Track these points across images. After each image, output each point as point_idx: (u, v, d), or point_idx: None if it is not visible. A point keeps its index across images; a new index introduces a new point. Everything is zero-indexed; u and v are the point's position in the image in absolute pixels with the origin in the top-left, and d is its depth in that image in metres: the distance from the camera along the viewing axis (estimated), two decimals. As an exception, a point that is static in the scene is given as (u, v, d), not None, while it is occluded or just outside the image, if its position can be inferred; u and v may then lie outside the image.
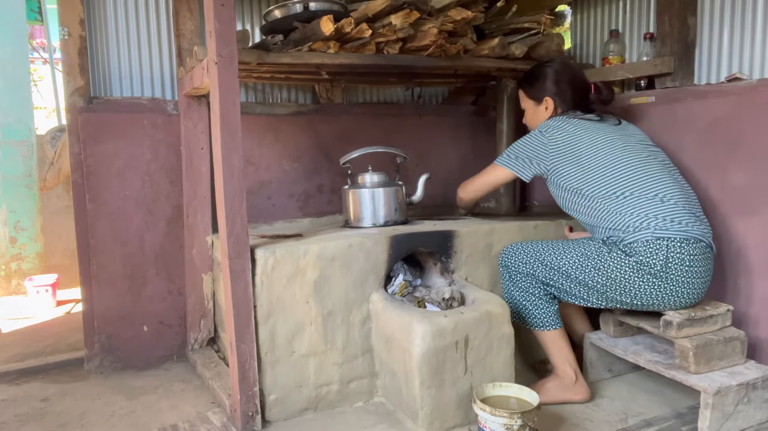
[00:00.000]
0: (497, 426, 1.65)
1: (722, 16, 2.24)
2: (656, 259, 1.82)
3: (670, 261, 1.82)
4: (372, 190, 2.29)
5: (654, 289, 1.85)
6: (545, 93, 2.17)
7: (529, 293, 2.04)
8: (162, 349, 2.51)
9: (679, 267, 1.82)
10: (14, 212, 3.82)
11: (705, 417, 1.75)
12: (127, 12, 2.42)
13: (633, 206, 1.88)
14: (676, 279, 1.83)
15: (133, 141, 2.38)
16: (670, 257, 1.81)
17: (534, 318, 2.03)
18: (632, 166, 1.94)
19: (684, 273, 1.83)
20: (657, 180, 1.93)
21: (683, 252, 1.82)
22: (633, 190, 1.90)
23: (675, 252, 1.82)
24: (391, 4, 2.04)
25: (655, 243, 1.82)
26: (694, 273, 1.84)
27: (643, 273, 1.84)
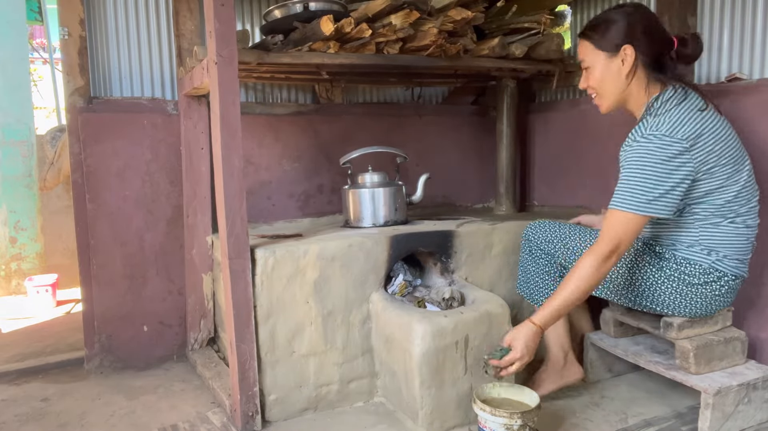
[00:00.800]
0: (497, 426, 1.65)
1: (722, 16, 2.24)
2: (698, 281, 1.74)
3: (706, 287, 1.75)
4: (372, 189, 2.29)
5: (676, 300, 1.79)
6: (623, 40, 1.69)
7: (545, 271, 2.00)
8: (162, 349, 2.51)
9: (710, 294, 1.77)
10: (14, 212, 3.82)
11: (705, 417, 1.75)
12: (127, 12, 2.42)
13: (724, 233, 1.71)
14: (704, 301, 1.78)
15: (133, 141, 2.38)
16: (712, 285, 1.75)
17: (543, 297, 2.01)
18: (750, 186, 1.71)
19: (714, 298, 1.78)
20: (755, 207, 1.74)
21: (726, 286, 1.77)
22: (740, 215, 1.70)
23: (720, 284, 1.76)
24: (391, 4, 2.04)
25: (708, 270, 1.74)
26: (723, 300, 1.81)
27: (675, 284, 1.76)
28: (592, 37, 1.76)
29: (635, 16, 1.72)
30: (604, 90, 1.77)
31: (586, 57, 1.79)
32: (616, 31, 1.71)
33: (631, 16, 1.72)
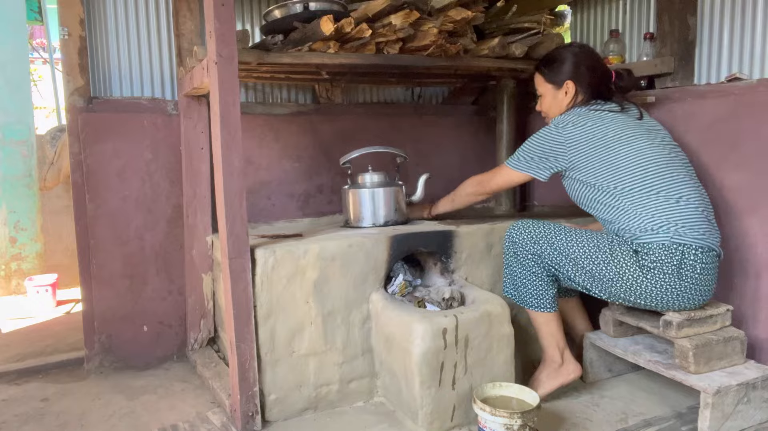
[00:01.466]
0: (497, 426, 1.65)
1: (722, 16, 2.24)
2: (669, 264, 1.80)
3: (683, 268, 1.80)
4: (372, 189, 2.29)
5: (660, 291, 1.84)
6: (566, 76, 2.06)
7: (532, 272, 1.99)
8: (162, 349, 2.51)
9: (690, 274, 1.81)
10: (14, 212, 3.82)
11: (705, 417, 1.75)
12: (127, 12, 2.42)
13: (655, 207, 1.85)
14: (685, 285, 1.82)
15: (133, 141, 2.38)
16: (683, 263, 1.80)
17: (532, 298, 2.00)
18: (657, 164, 1.89)
19: (693, 281, 1.82)
20: (680, 182, 1.89)
21: (696, 260, 1.80)
22: (658, 189, 1.86)
23: (689, 259, 1.80)
24: (391, 4, 2.04)
25: (670, 248, 1.80)
26: (702, 280, 1.83)
27: (653, 275, 1.82)
28: (544, 72, 2.13)
29: (579, 56, 2.07)
30: (551, 113, 2.13)
31: (538, 87, 2.17)
32: (562, 68, 2.07)
33: (576, 56, 2.07)
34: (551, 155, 2.00)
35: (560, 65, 2.08)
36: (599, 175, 1.93)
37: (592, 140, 1.94)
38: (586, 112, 2.00)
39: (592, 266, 1.91)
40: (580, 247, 1.93)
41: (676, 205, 1.85)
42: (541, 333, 2.04)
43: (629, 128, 1.95)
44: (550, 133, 2.01)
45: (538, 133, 2.05)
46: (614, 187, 1.90)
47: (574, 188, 2.03)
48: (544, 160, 2.01)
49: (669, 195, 1.86)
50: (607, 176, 1.91)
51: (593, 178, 1.94)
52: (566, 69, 2.07)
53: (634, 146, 1.91)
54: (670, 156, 1.94)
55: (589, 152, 1.94)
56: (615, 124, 1.95)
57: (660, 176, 1.88)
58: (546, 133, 2.02)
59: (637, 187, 1.88)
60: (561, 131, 1.98)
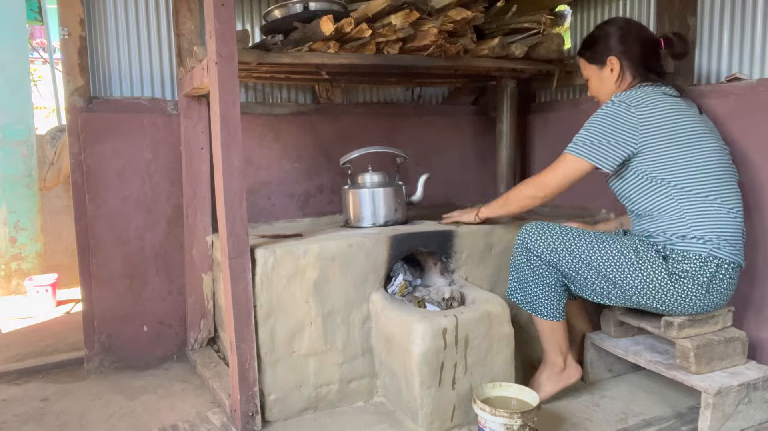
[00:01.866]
0: (497, 426, 1.65)
1: (722, 16, 2.24)
2: (702, 276, 1.76)
3: (713, 281, 1.77)
4: (372, 189, 2.29)
5: (685, 301, 1.80)
6: (609, 52, 1.94)
7: (544, 282, 1.91)
8: (162, 349, 2.51)
9: (718, 288, 1.79)
10: (14, 212, 3.82)
11: (705, 417, 1.75)
12: (127, 12, 2.42)
13: (707, 215, 1.77)
14: (710, 298, 1.80)
15: (133, 141, 2.38)
16: (715, 277, 1.77)
17: (541, 307, 1.94)
18: (722, 167, 1.80)
19: (719, 294, 1.80)
20: (734, 191, 1.83)
21: (727, 275, 1.78)
22: (716, 196, 1.77)
23: (721, 274, 1.77)
24: (391, 4, 2.04)
25: (707, 260, 1.76)
26: (727, 294, 1.83)
27: (681, 283, 1.77)
28: (585, 54, 2.05)
29: (615, 30, 1.96)
30: (602, 95, 2.02)
31: (584, 71, 2.08)
32: (600, 46, 1.98)
33: (612, 29, 1.97)
34: (621, 139, 1.77)
35: (601, 42, 1.96)
36: (666, 168, 1.77)
37: (666, 126, 1.76)
38: (658, 93, 1.82)
39: (616, 273, 1.81)
40: (602, 253, 1.84)
41: (726, 215, 1.78)
42: (545, 339, 2.01)
43: (699, 122, 1.82)
44: (619, 111, 1.79)
45: (602, 112, 1.82)
46: (675, 184, 1.77)
47: (627, 178, 1.85)
48: (612, 146, 1.78)
49: (723, 204, 1.77)
50: (675, 171, 1.76)
51: (657, 170, 1.77)
52: (607, 44, 1.94)
53: (707, 144, 1.79)
54: (727, 160, 1.85)
55: (662, 140, 1.76)
56: (689, 114, 1.81)
57: (720, 181, 1.79)
58: (614, 111, 1.79)
59: (698, 188, 1.76)
60: (633, 111, 1.77)
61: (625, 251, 1.82)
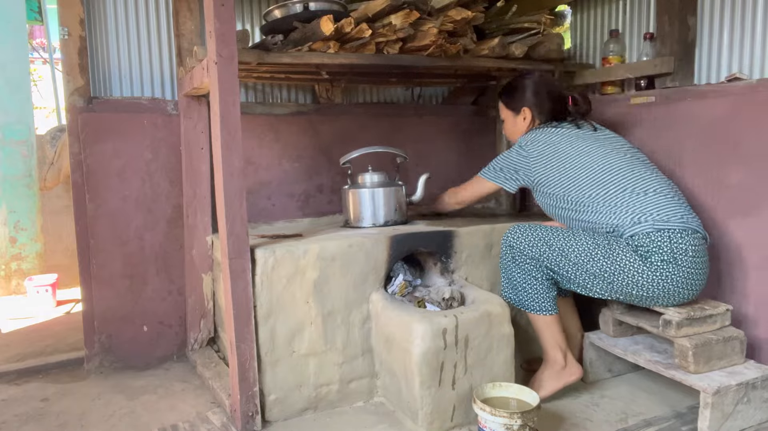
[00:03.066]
0: (497, 426, 1.65)
1: (722, 16, 2.24)
2: (662, 251, 1.84)
3: (676, 252, 1.83)
4: (372, 189, 2.29)
5: (660, 280, 1.85)
6: (523, 103, 2.23)
7: (531, 276, 1.99)
8: (162, 349, 2.51)
9: (684, 257, 1.84)
10: (14, 212, 3.82)
11: (705, 416, 1.75)
12: (127, 12, 2.42)
13: (627, 203, 1.92)
14: (682, 272, 1.84)
15: (133, 141, 2.38)
16: (674, 248, 1.83)
17: (532, 302, 2.00)
18: (617, 166, 2.00)
19: (689, 264, 1.85)
20: (645, 178, 1.98)
21: (686, 243, 1.84)
22: (624, 187, 1.95)
23: (678, 244, 1.84)
24: (391, 4, 2.04)
25: (657, 235, 1.85)
26: (697, 263, 1.86)
27: (650, 263, 1.85)
28: (504, 100, 2.31)
29: (535, 85, 2.23)
30: (513, 136, 2.31)
31: (501, 113, 2.34)
32: (521, 95, 2.25)
33: (533, 84, 2.23)
34: (518, 169, 2.15)
35: (519, 93, 2.25)
36: (563, 186, 2.04)
37: (550, 156, 2.08)
38: (545, 130, 2.16)
39: (592, 263, 1.91)
40: (578, 246, 1.94)
41: (645, 196, 1.92)
42: (543, 336, 2.03)
43: (584, 140, 2.09)
44: (515, 151, 2.18)
45: (507, 151, 2.23)
46: (580, 195, 2.00)
47: (546, 203, 2.14)
48: (512, 173, 2.17)
49: (636, 190, 1.94)
50: (571, 186, 2.02)
51: (558, 190, 2.05)
52: (523, 96, 2.24)
53: (590, 154, 2.04)
54: (628, 157, 2.05)
55: (551, 166, 2.07)
56: (571, 138, 2.10)
57: (623, 176, 1.97)
58: (512, 151, 2.19)
59: (601, 189, 1.97)
60: (524, 149, 2.15)
61: (599, 242, 1.93)
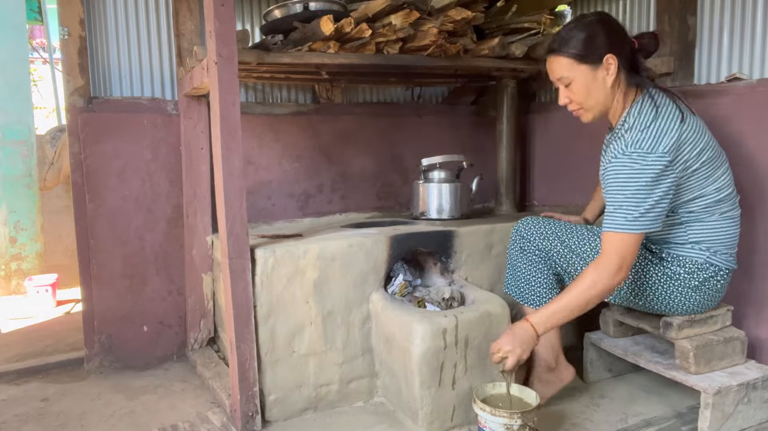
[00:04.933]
0: (497, 426, 1.65)
1: (722, 16, 2.24)
2: (696, 279, 1.78)
3: (706, 284, 1.79)
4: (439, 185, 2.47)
5: (674, 300, 1.81)
6: (605, 49, 1.66)
7: (537, 269, 1.93)
8: (162, 349, 2.51)
9: (709, 290, 1.80)
10: (14, 212, 3.82)
11: (705, 417, 1.75)
12: (127, 12, 2.42)
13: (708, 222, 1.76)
14: (700, 299, 1.81)
15: (133, 141, 2.38)
16: (709, 280, 1.79)
17: (533, 296, 1.95)
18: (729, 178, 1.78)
19: (710, 296, 1.82)
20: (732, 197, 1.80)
21: (720, 279, 1.80)
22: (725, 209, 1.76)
23: (715, 278, 1.79)
24: (391, 4, 2.04)
25: (703, 266, 1.77)
26: (717, 296, 1.85)
27: (672, 284, 1.79)
28: (570, 52, 1.70)
29: (608, 25, 1.70)
30: (592, 102, 1.74)
31: (565, 73, 1.72)
32: (597, 42, 1.68)
33: (605, 25, 1.70)
34: (666, 194, 1.62)
35: (594, 39, 1.68)
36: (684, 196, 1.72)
37: (693, 154, 1.67)
38: (672, 110, 1.67)
39: None
40: (591, 246, 1.87)
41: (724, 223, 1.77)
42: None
43: (706, 133, 1.74)
44: (645, 165, 1.59)
45: (626, 173, 1.60)
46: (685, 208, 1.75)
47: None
48: (659, 200, 1.61)
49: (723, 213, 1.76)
50: (690, 197, 1.72)
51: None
52: (602, 42, 1.67)
53: (724, 162, 1.77)
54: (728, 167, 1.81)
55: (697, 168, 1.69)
56: (704, 129, 1.74)
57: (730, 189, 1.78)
58: (640, 169, 1.59)
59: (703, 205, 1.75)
60: (655, 152, 1.60)
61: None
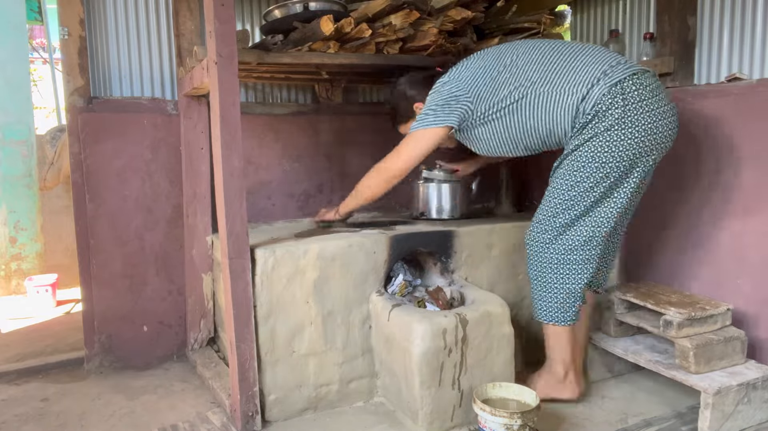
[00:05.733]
0: (497, 426, 1.65)
1: (722, 16, 2.24)
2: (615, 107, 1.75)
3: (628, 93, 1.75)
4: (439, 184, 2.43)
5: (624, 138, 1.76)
6: (411, 103, 2.15)
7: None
8: (162, 349, 2.51)
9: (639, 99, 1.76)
10: (14, 212, 3.82)
11: (705, 417, 1.75)
12: (127, 12, 2.42)
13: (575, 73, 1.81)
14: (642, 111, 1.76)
15: (133, 141, 2.38)
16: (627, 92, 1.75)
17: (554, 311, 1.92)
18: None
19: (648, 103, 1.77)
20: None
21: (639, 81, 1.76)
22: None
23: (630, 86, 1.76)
24: (391, 4, 2.04)
25: (610, 93, 1.75)
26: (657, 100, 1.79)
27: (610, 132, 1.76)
28: (398, 120, 2.24)
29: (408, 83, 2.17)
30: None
31: (404, 131, 2.15)
32: (406, 104, 2.17)
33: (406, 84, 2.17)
34: (452, 100, 1.96)
35: (403, 102, 2.18)
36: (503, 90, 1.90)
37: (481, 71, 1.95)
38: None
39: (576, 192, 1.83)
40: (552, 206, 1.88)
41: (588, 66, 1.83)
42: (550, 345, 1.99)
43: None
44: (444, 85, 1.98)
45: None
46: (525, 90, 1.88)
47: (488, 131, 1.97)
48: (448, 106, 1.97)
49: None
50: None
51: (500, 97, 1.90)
52: (405, 104, 2.17)
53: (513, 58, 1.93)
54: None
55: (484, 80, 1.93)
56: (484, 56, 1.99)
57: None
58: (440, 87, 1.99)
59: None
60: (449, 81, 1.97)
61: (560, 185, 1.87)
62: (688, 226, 2.26)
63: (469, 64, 1.97)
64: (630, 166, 1.79)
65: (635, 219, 2.03)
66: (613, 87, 1.75)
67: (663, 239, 2.35)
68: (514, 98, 1.87)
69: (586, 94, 1.77)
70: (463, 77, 1.95)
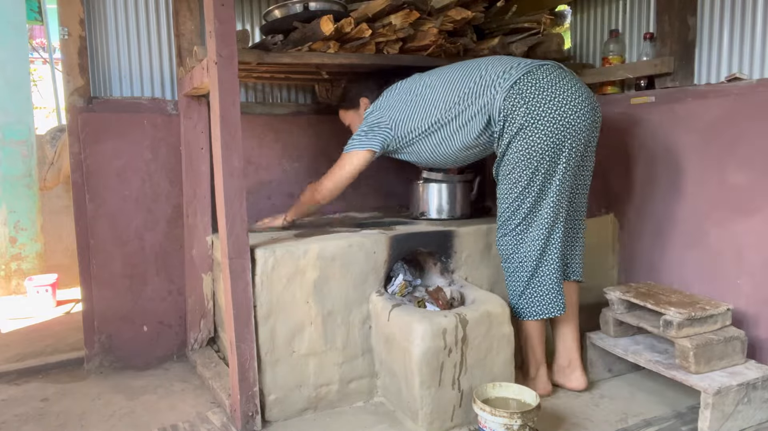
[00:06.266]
0: (497, 426, 1.65)
1: (722, 16, 2.24)
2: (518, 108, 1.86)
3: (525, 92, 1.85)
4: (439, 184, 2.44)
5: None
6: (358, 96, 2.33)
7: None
8: (162, 349, 2.51)
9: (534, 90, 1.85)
10: (14, 212, 3.82)
11: (705, 417, 1.75)
12: (127, 12, 2.42)
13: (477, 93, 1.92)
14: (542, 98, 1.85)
15: (133, 141, 2.38)
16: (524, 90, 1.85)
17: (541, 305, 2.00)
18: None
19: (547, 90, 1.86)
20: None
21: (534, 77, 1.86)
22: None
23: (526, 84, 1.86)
24: (391, 4, 2.04)
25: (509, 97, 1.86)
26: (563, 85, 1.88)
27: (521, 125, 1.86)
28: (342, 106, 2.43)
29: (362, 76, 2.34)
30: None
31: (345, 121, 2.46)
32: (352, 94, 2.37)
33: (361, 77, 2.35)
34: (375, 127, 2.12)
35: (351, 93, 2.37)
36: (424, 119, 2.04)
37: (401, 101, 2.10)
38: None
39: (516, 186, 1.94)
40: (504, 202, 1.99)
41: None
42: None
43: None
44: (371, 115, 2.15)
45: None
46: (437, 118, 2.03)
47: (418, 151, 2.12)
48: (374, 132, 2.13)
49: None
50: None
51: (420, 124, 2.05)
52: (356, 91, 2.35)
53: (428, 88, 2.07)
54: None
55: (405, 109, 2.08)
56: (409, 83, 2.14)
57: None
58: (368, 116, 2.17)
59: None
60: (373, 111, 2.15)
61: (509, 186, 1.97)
62: (688, 226, 2.26)
63: (390, 95, 2.14)
64: (554, 155, 1.87)
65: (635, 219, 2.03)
66: (510, 90, 1.86)
67: (663, 239, 2.36)
68: (430, 122, 2.01)
69: (490, 103, 1.89)
70: (383, 106, 2.13)
